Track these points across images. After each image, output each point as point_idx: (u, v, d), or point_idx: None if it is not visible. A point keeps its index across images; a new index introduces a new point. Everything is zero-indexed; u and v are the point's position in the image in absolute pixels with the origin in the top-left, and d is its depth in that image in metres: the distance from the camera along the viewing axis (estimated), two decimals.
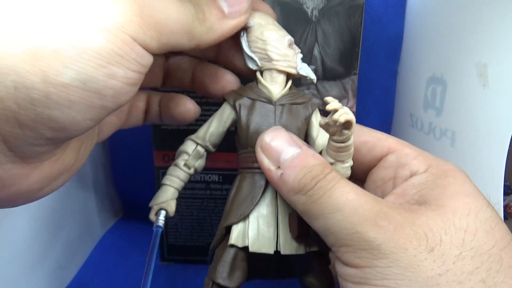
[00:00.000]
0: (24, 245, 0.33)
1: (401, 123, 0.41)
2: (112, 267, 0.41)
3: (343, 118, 0.20)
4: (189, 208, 0.39)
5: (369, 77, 0.41)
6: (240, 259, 0.24)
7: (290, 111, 0.25)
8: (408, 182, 0.23)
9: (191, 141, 0.26)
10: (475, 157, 0.29)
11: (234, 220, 0.24)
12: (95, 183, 0.45)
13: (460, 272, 0.18)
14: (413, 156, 0.24)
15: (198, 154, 0.26)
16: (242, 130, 0.25)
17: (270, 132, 0.24)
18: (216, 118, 0.26)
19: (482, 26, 0.28)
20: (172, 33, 0.21)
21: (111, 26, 0.18)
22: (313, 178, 0.21)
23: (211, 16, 0.23)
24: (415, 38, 0.38)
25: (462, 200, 0.21)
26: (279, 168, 0.23)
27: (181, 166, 0.26)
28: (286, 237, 0.24)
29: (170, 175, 0.26)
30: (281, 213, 0.24)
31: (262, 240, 0.24)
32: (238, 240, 0.24)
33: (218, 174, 0.37)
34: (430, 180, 0.23)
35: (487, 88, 0.28)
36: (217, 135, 0.26)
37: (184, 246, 0.40)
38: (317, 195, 0.21)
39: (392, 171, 0.25)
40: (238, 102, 0.25)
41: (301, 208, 0.22)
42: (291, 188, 0.22)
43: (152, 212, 0.26)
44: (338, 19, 0.32)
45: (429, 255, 0.19)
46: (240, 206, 0.24)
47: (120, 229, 0.48)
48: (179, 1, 0.21)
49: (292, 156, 0.22)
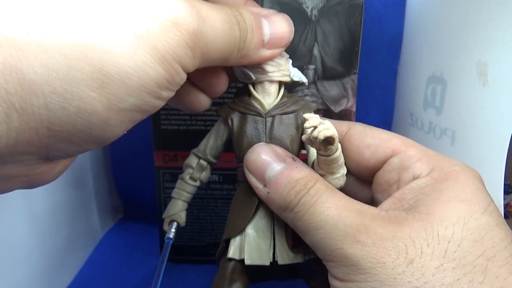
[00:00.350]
0: (24, 245, 0.33)
1: (401, 123, 0.41)
2: (112, 267, 0.41)
3: (321, 135, 0.20)
4: (190, 208, 0.38)
5: (369, 77, 0.41)
6: (239, 271, 0.25)
7: (281, 122, 0.25)
8: (408, 186, 0.23)
9: (193, 155, 0.28)
10: (475, 156, 0.29)
11: (231, 234, 0.25)
12: (95, 183, 0.45)
13: (439, 284, 0.18)
14: (417, 158, 0.23)
15: (202, 167, 0.28)
16: (236, 144, 0.26)
17: (254, 150, 0.24)
18: (213, 133, 0.27)
19: (482, 25, 0.28)
20: (213, 61, 0.21)
21: (170, 58, 0.18)
22: (297, 194, 0.22)
23: (250, 45, 0.22)
24: (415, 37, 0.38)
25: (454, 207, 0.20)
26: (265, 186, 0.23)
27: (187, 179, 0.28)
28: (282, 248, 0.25)
29: (178, 189, 0.28)
30: (276, 224, 0.25)
31: (258, 252, 0.25)
32: (235, 254, 0.25)
33: (218, 174, 0.37)
34: (429, 185, 0.22)
35: (487, 87, 0.28)
36: (216, 148, 0.27)
37: (185, 246, 0.40)
38: (302, 212, 0.21)
39: (396, 174, 0.24)
40: (230, 117, 0.26)
41: (291, 224, 0.22)
42: (279, 205, 0.22)
43: (165, 224, 0.29)
44: (338, 18, 0.32)
45: (407, 267, 0.19)
46: (237, 220, 0.25)
47: (121, 229, 0.48)
48: (229, 28, 0.21)
49: (276, 173, 0.23)
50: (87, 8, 0.17)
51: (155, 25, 0.18)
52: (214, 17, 0.20)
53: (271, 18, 0.23)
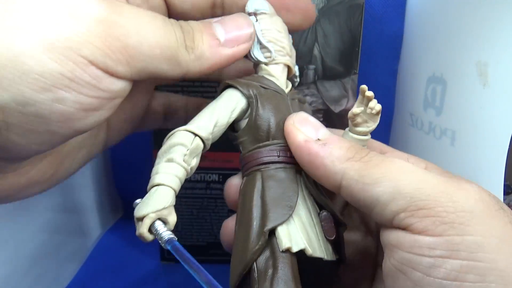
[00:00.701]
0: (24, 245, 0.33)
1: (401, 123, 0.41)
2: (112, 267, 0.41)
3: (378, 106, 0.21)
4: (189, 208, 0.39)
5: (369, 77, 0.41)
6: (296, 266, 0.19)
7: (299, 107, 0.24)
8: None
9: (187, 132, 0.21)
10: (475, 157, 0.29)
11: (279, 220, 0.20)
12: (95, 183, 0.45)
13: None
14: (406, 157, 0.24)
15: (197, 149, 0.21)
16: (262, 120, 0.22)
17: (299, 114, 0.22)
18: (221, 106, 0.22)
19: (482, 25, 0.28)
20: (149, 58, 0.19)
21: (61, 46, 0.16)
22: (361, 149, 0.20)
23: (202, 44, 0.21)
24: (415, 37, 0.38)
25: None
26: (319, 140, 0.20)
27: (180, 161, 0.20)
28: (324, 241, 0.21)
29: (166, 173, 0.20)
30: (314, 215, 0.21)
31: (314, 242, 0.20)
32: (292, 243, 0.19)
33: (218, 173, 0.37)
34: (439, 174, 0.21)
35: (487, 87, 0.28)
36: (221, 126, 0.22)
37: (184, 245, 0.40)
38: (376, 160, 0.19)
39: None
40: (253, 90, 0.22)
41: (354, 174, 0.19)
42: (340, 155, 0.19)
43: (146, 225, 0.19)
44: (338, 18, 0.32)
45: (510, 226, 0.16)
46: (280, 205, 0.20)
47: (120, 229, 0.48)
48: (163, 24, 0.19)
49: (330, 134, 0.21)
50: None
51: (43, 15, 0.16)
52: (139, 13, 0.19)
53: (223, 19, 0.22)
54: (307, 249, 0.19)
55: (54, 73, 0.16)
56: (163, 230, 0.19)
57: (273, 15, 0.24)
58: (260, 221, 0.20)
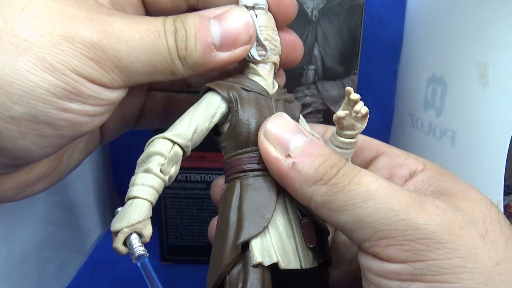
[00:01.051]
0: (24, 245, 0.33)
1: (401, 123, 0.41)
2: (112, 267, 0.41)
3: (364, 109, 0.20)
4: (189, 208, 0.39)
5: (369, 77, 0.41)
6: (268, 280, 0.19)
7: (285, 108, 0.22)
8: (415, 178, 0.22)
9: (165, 140, 0.21)
10: (475, 157, 0.29)
11: (252, 232, 0.19)
12: (95, 183, 0.45)
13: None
14: (405, 157, 0.23)
15: (176, 157, 0.20)
16: (242, 125, 0.21)
17: (274, 118, 0.21)
18: (200, 112, 0.21)
19: (483, 26, 0.28)
20: (142, 74, 0.20)
21: (61, 68, 0.18)
22: (333, 166, 0.19)
23: (195, 52, 0.20)
24: (415, 38, 0.38)
25: (477, 193, 0.20)
26: (289, 156, 0.19)
27: (157, 171, 0.20)
28: (303, 249, 0.20)
29: (143, 185, 0.20)
30: (295, 222, 0.21)
31: (289, 254, 0.20)
32: (264, 257, 0.19)
33: (218, 174, 0.37)
34: (436, 175, 0.21)
35: (488, 88, 0.28)
36: (201, 132, 0.21)
37: (184, 246, 0.40)
38: (343, 183, 0.18)
39: (387, 171, 0.24)
40: (233, 93, 0.21)
41: (320, 200, 0.19)
42: (307, 177, 0.19)
43: (121, 239, 0.19)
44: (338, 19, 0.32)
45: (482, 242, 0.17)
46: (255, 216, 0.20)
47: None
48: (155, 37, 0.20)
49: (303, 144, 0.20)
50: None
51: (41, 39, 0.18)
52: (130, 30, 0.19)
53: (223, 15, 0.21)
54: (279, 263, 0.19)
55: (59, 89, 0.18)
56: (137, 245, 0.19)
57: (267, 11, 0.22)
58: (235, 232, 0.20)
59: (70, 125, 0.19)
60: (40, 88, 0.18)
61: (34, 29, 0.18)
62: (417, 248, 0.17)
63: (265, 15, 0.22)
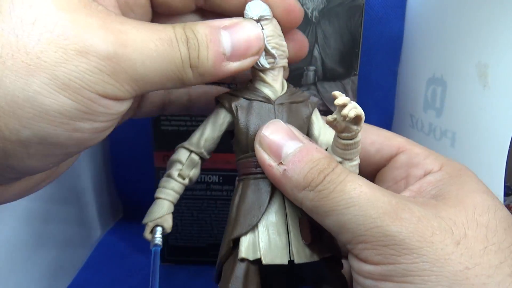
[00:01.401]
0: (24, 246, 0.33)
1: (401, 124, 0.41)
2: (112, 268, 0.41)
3: (353, 112, 0.19)
4: (189, 209, 0.39)
5: (369, 78, 0.41)
6: (253, 273, 0.22)
7: (290, 110, 0.24)
8: (424, 179, 0.23)
9: (184, 149, 0.24)
10: (475, 158, 0.29)
11: (242, 230, 0.22)
12: (95, 184, 0.45)
13: (487, 266, 0.18)
14: (425, 156, 0.24)
15: (193, 162, 0.24)
16: (241, 133, 0.23)
17: (268, 126, 0.22)
18: (210, 123, 0.24)
19: (482, 27, 0.28)
20: (155, 84, 0.20)
21: (75, 86, 0.17)
22: (321, 172, 0.20)
23: (206, 62, 0.21)
24: (415, 38, 0.38)
25: (480, 197, 0.20)
26: (281, 163, 0.21)
27: (175, 176, 0.24)
28: (298, 245, 0.22)
29: (164, 188, 0.24)
30: (290, 219, 0.23)
31: (275, 250, 0.22)
32: (249, 253, 0.22)
33: (218, 175, 0.37)
34: (446, 178, 0.22)
35: (487, 88, 0.28)
36: (212, 140, 0.24)
37: (185, 247, 0.40)
38: (328, 190, 0.20)
39: (404, 171, 0.24)
40: (234, 104, 0.23)
41: (309, 205, 0.20)
42: (296, 184, 0.20)
43: (147, 230, 0.24)
44: (338, 20, 0.32)
45: (455, 248, 0.18)
46: (247, 215, 0.22)
47: (120, 230, 0.48)
48: (169, 47, 0.20)
49: (294, 150, 0.21)
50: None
51: (55, 54, 0.17)
52: (143, 39, 0.19)
53: (233, 28, 0.22)
54: (262, 259, 0.22)
55: (71, 109, 0.18)
56: (157, 235, 0.24)
57: (273, 18, 0.24)
58: (231, 229, 0.23)
59: (77, 144, 0.19)
60: (51, 110, 0.17)
61: (47, 44, 0.17)
62: (388, 252, 0.18)
63: (271, 24, 0.23)
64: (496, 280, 0.18)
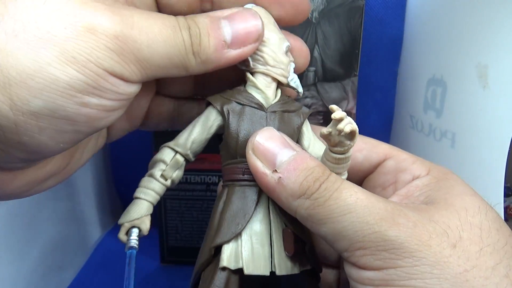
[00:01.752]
0: (24, 246, 0.33)
1: (401, 125, 0.41)
2: (112, 269, 0.41)
3: (348, 127, 0.19)
4: (189, 210, 0.39)
5: (369, 79, 0.41)
6: (233, 283, 0.22)
7: (282, 119, 0.23)
8: (411, 184, 0.23)
9: (169, 149, 0.24)
10: (476, 158, 0.29)
11: (225, 238, 0.22)
12: (95, 185, 0.45)
13: (484, 267, 0.18)
14: (412, 161, 0.24)
15: (177, 163, 0.24)
16: (231, 138, 0.23)
17: (262, 133, 0.22)
18: (199, 124, 0.24)
19: (482, 28, 0.28)
20: (159, 68, 0.20)
21: (84, 60, 0.18)
22: (316, 180, 0.20)
23: (208, 48, 0.21)
24: (415, 39, 0.38)
25: (470, 199, 0.21)
26: (275, 171, 0.21)
27: (158, 177, 0.23)
28: (280, 256, 0.22)
29: (145, 187, 0.23)
30: (274, 229, 0.22)
31: (257, 260, 0.22)
32: (230, 262, 0.21)
33: (218, 175, 0.37)
34: (433, 182, 0.22)
35: (487, 89, 0.28)
36: (200, 142, 0.24)
37: (184, 247, 0.40)
38: (323, 198, 0.20)
39: (392, 176, 0.24)
40: (226, 107, 0.23)
41: (304, 213, 0.20)
42: (292, 192, 0.20)
43: (123, 231, 0.23)
44: (338, 20, 0.32)
45: (452, 251, 0.18)
46: (231, 223, 0.22)
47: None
48: (172, 32, 0.20)
49: (289, 158, 0.21)
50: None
51: (65, 30, 0.18)
52: (149, 23, 0.20)
53: (233, 16, 0.22)
54: (244, 269, 0.21)
55: (79, 82, 0.18)
56: (133, 237, 0.23)
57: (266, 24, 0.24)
58: (213, 236, 0.22)
59: (87, 120, 0.19)
60: (61, 81, 0.18)
61: (57, 20, 0.18)
62: (388, 257, 0.18)
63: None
64: (494, 281, 0.18)
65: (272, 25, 0.24)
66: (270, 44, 0.23)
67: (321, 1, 0.32)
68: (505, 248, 0.19)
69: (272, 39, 0.24)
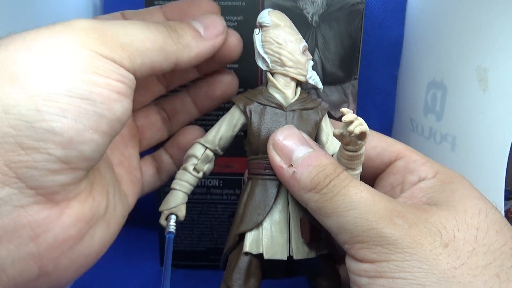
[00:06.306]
0: None
1: (402, 128, 0.41)
2: (111, 272, 0.41)
3: (358, 129, 0.21)
4: (189, 213, 0.38)
5: (369, 82, 0.41)
6: (255, 266, 0.24)
7: (301, 117, 0.25)
8: (416, 186, 0.24)
9: (200, 145, 0.26)
10: (476, 162, 0.29)
11: (248, 227, 0.24)
12: None
13: (474, 266, 0.19)
14: (421, 163, 0.25)
15: (207, 158, 0.27)
16: (253, 136, 0.25)
17: (282, 131, 0.24)
18: (225, 122, 0.26)
19: (482, 31, 0.28)
20: (143, 52, 0.22)
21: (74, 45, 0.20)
22: (327, 177, 0.22)
23: (185, 34, 0.24)
24: (415, 43, 0.38)
25: (472, 202, 0.21)
26: (291, 166, 0.23)
27: (191, 170, 0.26)
28: (298, 242, 0.24)
29: (180, 180, 0.27)
30: (292, 218, 0.25)
31: (276, 246, 0.24)
32: (252, 248, 0.24)
33: (218, 179, 0.37)
34: (438, 185, 0.23)
35: (487, 92, 0.28)
36: (227, 139, 0.26)
37: (185, 251, 0.40)
38: (332, 193, 0.21)
39: (400, 176, 0.25)
40: (249, 107, 0.25)
41: (314, 206, 0.22)
42: (304, 186, 0.22)
43: (162, 217, 0.26)
44: (338, 24, 0.32)
45: (443, 250, 0.19)
46: (254, 213, 0.24)
47: (121, 233, 0.48)
48: (145, 23, 0.23)
49: (304, 155, 0.23)
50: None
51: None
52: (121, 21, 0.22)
53: (198, 18, 0.26)
54: (264, 254, 0.24)
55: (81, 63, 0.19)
56: (171, 223, 0.26)
57: (277, 27, 0.25)
58: (238, 224, 0.25)
59: (102, 100, 0.20)
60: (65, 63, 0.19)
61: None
62: (382, 251, 0.20)
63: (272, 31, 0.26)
64: (482, 279, 0.19)
65: (288, 28, 0.26)
66: (287, 47, 0.25)
67: (321, 4, 0.32)
68: (503, 249, 0.20)
69: (289, 42, 0.25)
